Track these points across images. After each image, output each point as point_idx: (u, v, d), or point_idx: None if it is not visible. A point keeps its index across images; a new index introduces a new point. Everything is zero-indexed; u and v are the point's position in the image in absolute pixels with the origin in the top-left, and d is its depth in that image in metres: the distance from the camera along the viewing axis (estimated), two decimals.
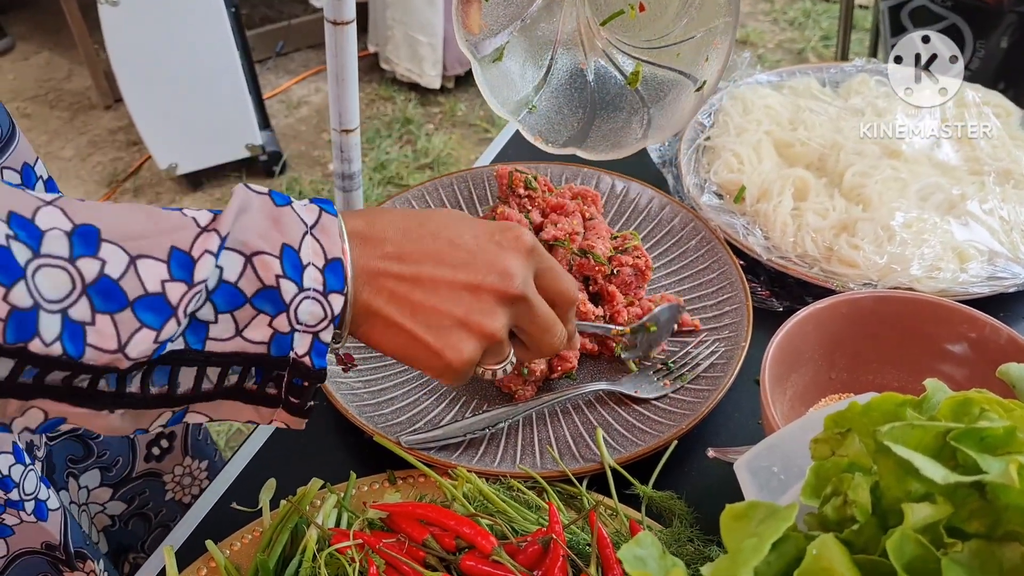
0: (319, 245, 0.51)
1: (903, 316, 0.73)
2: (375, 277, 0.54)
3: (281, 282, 0.50)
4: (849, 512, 0.41)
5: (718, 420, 0.81)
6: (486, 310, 0.56)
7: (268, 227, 0.50)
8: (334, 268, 0.52)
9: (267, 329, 0.50)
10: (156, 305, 0.46)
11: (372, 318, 0.55)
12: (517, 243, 0.58)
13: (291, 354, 0.51)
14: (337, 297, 0.51)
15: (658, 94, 0.81)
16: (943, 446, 0.40)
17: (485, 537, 0.61)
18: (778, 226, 0.93)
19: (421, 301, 0.55)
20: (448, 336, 0.56)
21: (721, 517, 0.41)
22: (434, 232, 0.57)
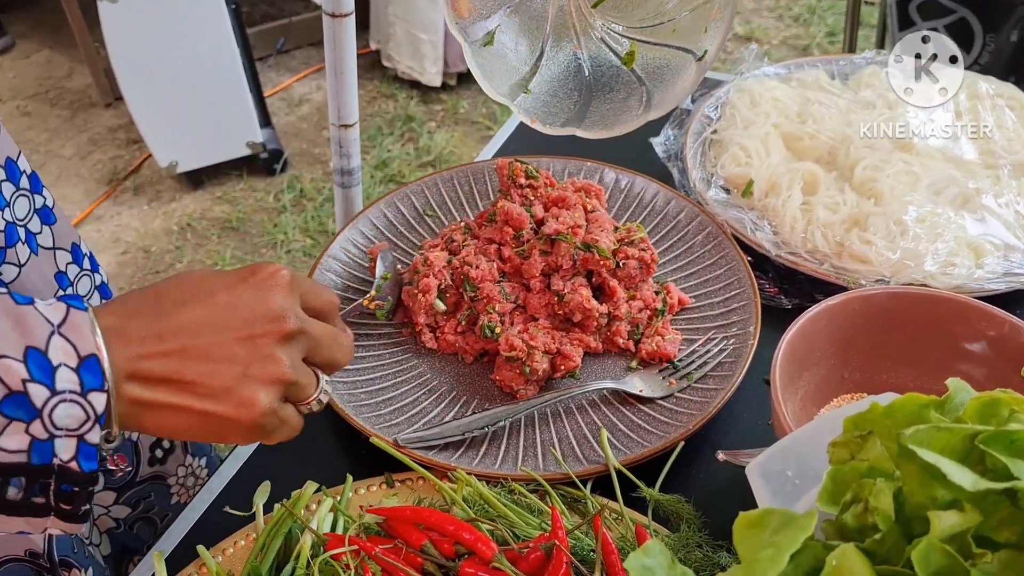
0: (69, 344, 0.48)
1: (918, 313, 0.71)
2: (138, 364, 0.50)
3: (29, 386, 0.46)
4: (870, 520, 0.38)
5: (726, 420, 0.78)
6: (266, 356, 0.53)
7: (9, 328, 0.47)
8: (89, 366, 0.48)
9: (24, 436, 0.46)
10: None
11: (148, 409, 0.51)
12: (274, 279, 0.55)
13: (55, 461, 0.47)
14: (98, 396, 0.48)
15: (656, 71, 0.79)
16: (971, 450, 0.37)
17: (485, 543, 0.58)
18: (787, 221, 0.91)
19: (195, 371, 0.51)
20: (235, 395, 0.52)
21: (734, 525, 0.39)
22: (185, 299, 0.53)
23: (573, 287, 0.81)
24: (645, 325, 0.83)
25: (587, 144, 1.10)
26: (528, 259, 0.83)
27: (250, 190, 2.75)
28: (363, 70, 3.20)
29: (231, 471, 0.77)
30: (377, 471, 0.72)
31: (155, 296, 0.53)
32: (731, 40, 3.34)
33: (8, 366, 0.46)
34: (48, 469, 0.47)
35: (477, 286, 0.81)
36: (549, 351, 0.79)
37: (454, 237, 0.87)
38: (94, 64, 2.98)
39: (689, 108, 1.07)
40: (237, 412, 0.52)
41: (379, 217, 0.94)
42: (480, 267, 0.82)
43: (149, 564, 0.71)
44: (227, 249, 2.54)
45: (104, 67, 2.90)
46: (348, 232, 0.92)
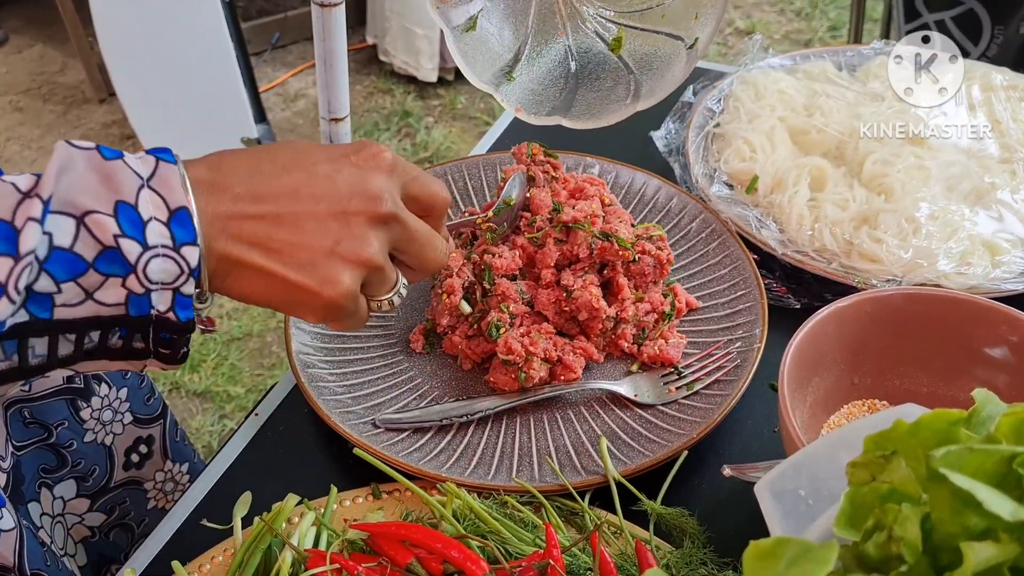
0: (159, 197, 0.47)
1: (934, 316, 0.67)
2: (230, 223, 0.50)
3: (121, 242, 0.46)
4: (895, 550, 0.35)
5: (731, 428, 0.75)
6: (357, 236, 0.52)
7: (97, 184, 0.46)
8: (181, 219, 0.47)
9: (121, 290, 0.46)
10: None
11: (235, 268, 0.51)
12: (376, 160, 0.54)
13: (152, 312, 0.48)
14: (191, 249, 0.48)
15: (644, 59, 0.75)
16: (1007, 473, 0.34)
17: (475, 562, 0.55)
18: (794, 218, 0.87)
19: (286, 239, 0.51)
20: (321, 271, 0.51)
21: (744, 556, 0.35)
22: (287, 165, 0.52)
23: (583, 284, 0.77)
24: (651, 329, 0.79)
25: (586, 138, 1.07)
26: (543, 247, 0.79)
27: None
28: (360, 65, 3.16)
29: (211, 481, 0.73)
30: (364, 481, 0.69)
31: (254, 156, 0.53)
32: (732, 34, 3.31)
33: (100, 221, 0.45)
34: (147, 320, 0.48)
35: (496, 278, 0.78)
36: (549, 359, 0.75)
37: (461, 230, 0.83)
38: (87, 59, 2.94)
39: (691, 101, 1.04)
40: (320, 287, 0.52)
41: None
42: (503, 256, 0.78)
43: None
44: None
45: (97, 62, 2.86)
46: None
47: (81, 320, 0.46)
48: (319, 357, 0.78)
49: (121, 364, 0.50)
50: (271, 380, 2.09)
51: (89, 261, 0.45)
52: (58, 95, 3.11)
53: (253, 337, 2.22)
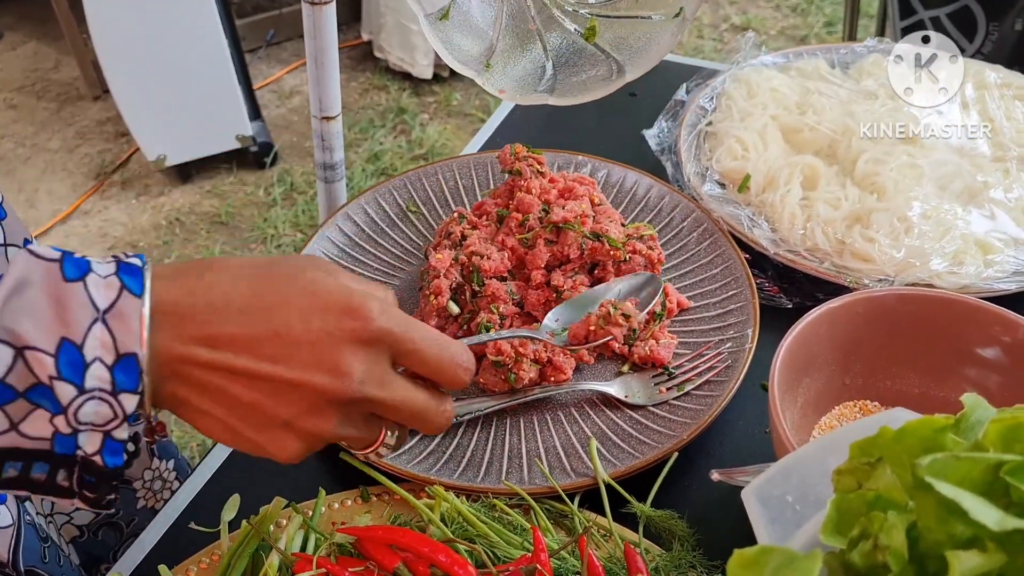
0: (109, 336, 0.44)
1: (927, 316, 0.67)
2: (182, 364, 0.46)
3: (56, 384, 0.43)
4: (881, 559, 0.34)
5: (722, 429, 0.74)
6: (315, 411, 0.47)
7: (48, 311, 0.43)
8: (126, 366, 0.44)
9: (47, 426, 0.43)
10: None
11: (183, 406, 0.48)
12: (358, 333, 0.48)
13: (78, 453, 0.44)
14: (129, 397, 0.44)
15: (622, 41, 0.74)
16: (994, 481, 0.33)
17: (462, 566, 0.54)
18: (786, 217, 0.86)
19: (237, 396, 0.47)
20: (271, 434, 0.48)
21: (728, 565, 0.34)
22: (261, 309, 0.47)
23: (573, 284, 0.77)
24: (642, 329, 0.79)
25: (578, 137, 1.06)
26: (533, 248, 0.79)
27: (240, 184, 2.71)
28: (355, 61, 3.15)
29: (199, 484, 0.73)
30: (352, 484, 0.68)
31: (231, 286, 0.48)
32: (728, 30, 3.30)
33: (39, 359, 0.42)
34: (71, 460, 0.45)
35: (485, 280, 0.77)
36: (539, 360, 0.74)
37: (451, 229, 0.82)
38: (81, 56, 2.93)
39: (684, 99, 1.03)
40: (268, 447, 0.49)
41: (359, 214, 0.90)
42: (492, 258, 0.78)
43: None
44: (216, 244, 2.49)
45: (92, 59, 2.85)
46: (328, 229, 0.88)
47: (2, 450, 0.44)
48: None
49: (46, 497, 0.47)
50: None
51: (20, 391, 0.43)
52: (52, 92, 3.09)
53: None
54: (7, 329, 0.42)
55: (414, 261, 0.88)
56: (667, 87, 1.06)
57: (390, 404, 0.50)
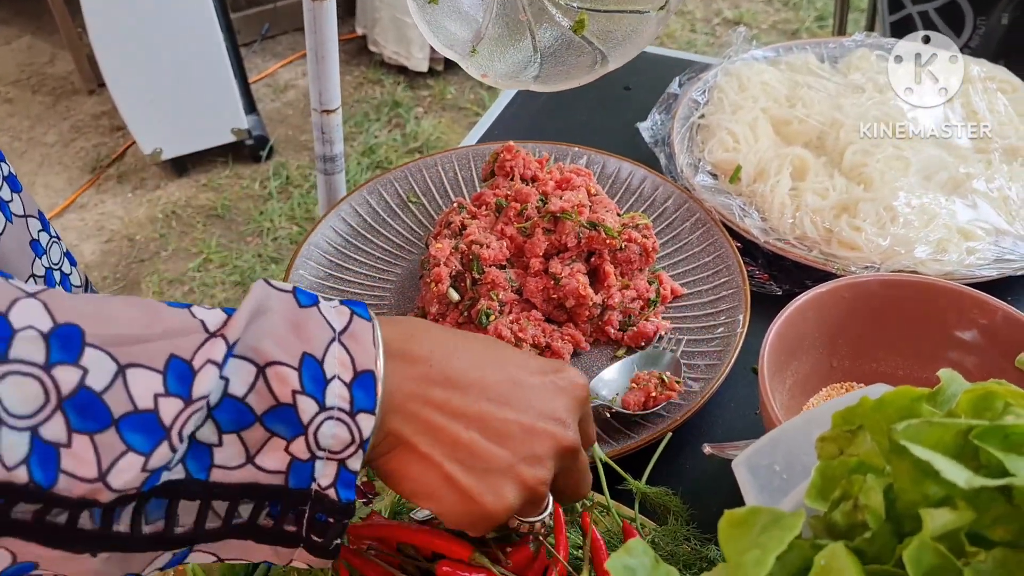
0: (347, 355, 0.44)
1: (909, 301, 0.69)
2: (411, 401, 0.46)
3: (299, 399, 0.42)
4: (860, 518, 0.37)
5: (714, 411, 0.77)
6: (536, 459, 0.48)
7: (287, 332, 0.43)
8: (364, 383, 0.44)
9: (284, 455, 0.42)
10: (146, 424, 0.39)
11: (399, 448, 0.46)
12: (574, 388, 0.51)
13: (313, 486, 0.43)
14: (366, 418, 0.43)
15: (609, 33, 0.76)
16: (964, 445, 0.36)
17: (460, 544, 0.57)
18: (776, 207, 0.89)
19: (463, 437, 0.46)
20: (492, 481, 0.47)
21: (719, 524, 0.37)
22: (484, 360, 0.49)
23: (571, 272, 0.79)
24: (636, 315, 0.82)
25: (573, 129, 1.09)
26: (531, 237, 0.81)
27: (235, 177, 2.72)
28: (349, 55, 3.17)
29: None
30: None
31: (452, 338, 0.49)
32: (720, 24, 3.32)
33: (282, 374, 0.42)
34: (306, 495, 0.43)
35: (485, 268, 0.80)
36: (538, 345, 0.77)
37: (451, 219, 0.85)
38: (76, 50, 2.94)
39: (677, 92, 1.06)
40: (483, 497, 0.47)
41: (362, 204, 0.92)
42: (491, 246, 0.80)
43: None
44: (212, 237, 2.51)
45: (87, 53, 2.86)
46: (330, 219, 0.91)
47: (237, 486, 0.42)
48: None
49: (266, 552, 0.46)
50: None
51: (258, 415, 0.42)
52: (47, 86, 3.10)
53: None
54: (250, 347, 0.42)
55: (415, 250, 0.90)
56: (660, 81, 1.09)
57: (582, 460, 0.53)
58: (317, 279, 0.85)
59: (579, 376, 0.52)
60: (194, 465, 0.41)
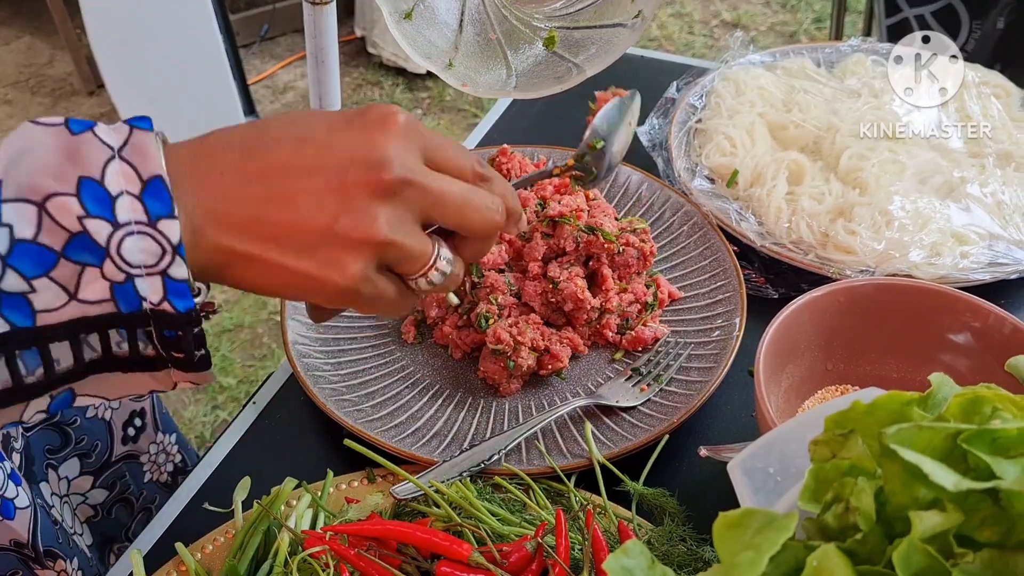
0: (131, 168, 0.42)
1: (903, 304, 0.70)
2: (216, 207, 0.45)
3: (87, 223, 0.41)
4: (852, 520, 0.38)
5: (710, 413, 0.78)
6: (359, 210, 0.45)
7: (60, 162, 0.41)
8: (154, 190, 0.42)
9: (103, 283, 0.42)
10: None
11: (231, 259, 0.45)
12: (385, 122, 0.47)
13: (145, 305, 0.43)
14: (169, 223, 0.42)
15: (581, 47, 0.77)
16: (953, 448, 0.37)
17: (459, 544, 0.58)
18: (772, 211, 0.90)
19: (278, 221, 0.45)
20: (322, 254, 0.46)
21: (714, 526, 0.38)
22: (278, 136, 0.46)
23: (569, 276, 0.80)
24: (634, 319, 0.83)
25: (571, 133, 1.10)
26: (530, 241, 0.82)
27: None
28: (349, 57, 3.18)
29: (212, 466, 0.76)
30: (359, 465, 0.71)
31: (241, 131, 0.47)
32: (719, 27, 3.33)
33: (62, 204, 0.41)
34: (142, 315, 0.43)
35: (483, 272, 0.80)
36: (537, 348, 0.78)
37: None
38: (76, 51, 2.95)
39: (675, 97, 1.07)
40: (321, 272, 0.46)
41: None
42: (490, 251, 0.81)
43: (124, 564, 0.70)
44: None
45: (86, 54, 2.87)
46: None
47: (68, 323, 0.42)
48: (314, 347, 0.80)
49: (143, 379, 0.46)
50: (263, 371, 2.12)
51: (58, 251, 0.41)
52: (46, 87, 3.11)
53: (244, 328, 2.25)
54: (23, 185, 0.41)
55: None
56: (657, 86, 1.09)
57: (435, 188, 0.48)
58: None
59: (391, 108, 0.48)
60: (15, 316, 0.41)
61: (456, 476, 0.68)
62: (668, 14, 3.39)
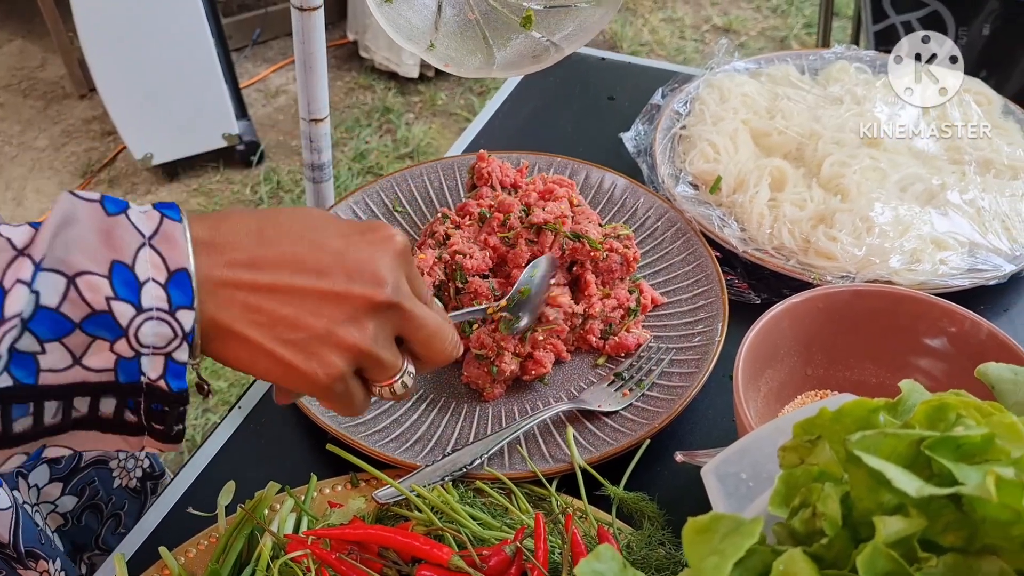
0: (159, 257, 0.46)
1: (881, 310, 0.71)
2: (222, 288, 0.48)
3: (113, 305, 0.44)
4: (818, 525, 0.38)
5: (691, 418, 0.79)
6: (353, 321, 0.50)
7: (96, 242, 0.44)
8: (179, 281, 0.46)
9: (109, 355, 0.45)
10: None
11: (222, 335, 0.49)
12: (388, 244, 0.52)
13: (143, 379, 0.46)
14: (186, 313, 0.46)
15: (557, 26, 0.78)
16: (917, 455, 0.37)
17: (439, 548, 0.58)
18: (754, 217, 0.91)
19: (278, 313, 0.49)
20: (311, 350, 0.50)
21: (683, 530, 0.39)
22: (293, 233, 0.50)
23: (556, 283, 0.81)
24: (617, 324, 0.83)
25: (558, 139, 1.10)
26: (515, 247, 0.83)
27: (226, 182, 2.73)
28: (340, 61, 3.18)
29: (196, 471, 0.76)
30: (343, 470, 0.72)
31: (257, 219, 0.50)
32: (709, 31, 3.34)
33: (92, 283, 0.44)
34: (137, 387, 0.46)
35: (468, 278, 0.81)
36: (520, 353, 0.78)
37: (435, 229, 0.86)
38: (67, 54, 2.94)
39: (660, 103, 1.07)
40: (307, 367, 0.50)
41: (348, 213, 0.94)
42: (474, 256, 0.82)
43: (108, 568, 0.71)
44: None
45: (78, 57, 2.87)
46: None
47: (68, 386, 0.45)
48: None
49: (116, 440, 0.49)
50: None
51: (76, 322, 0.44)
52: (38, 90, 3.10)
53: None
54: (58, 259, 0.43)
55: None
56: (643, 92, 1.10)
57: (416, 315, 0.53)
58: None
59: (393, 231, 0.53)
60: (21, 372, 0.43)
61: (438, 480, 0.69)
62: (659, 19, 3.40)
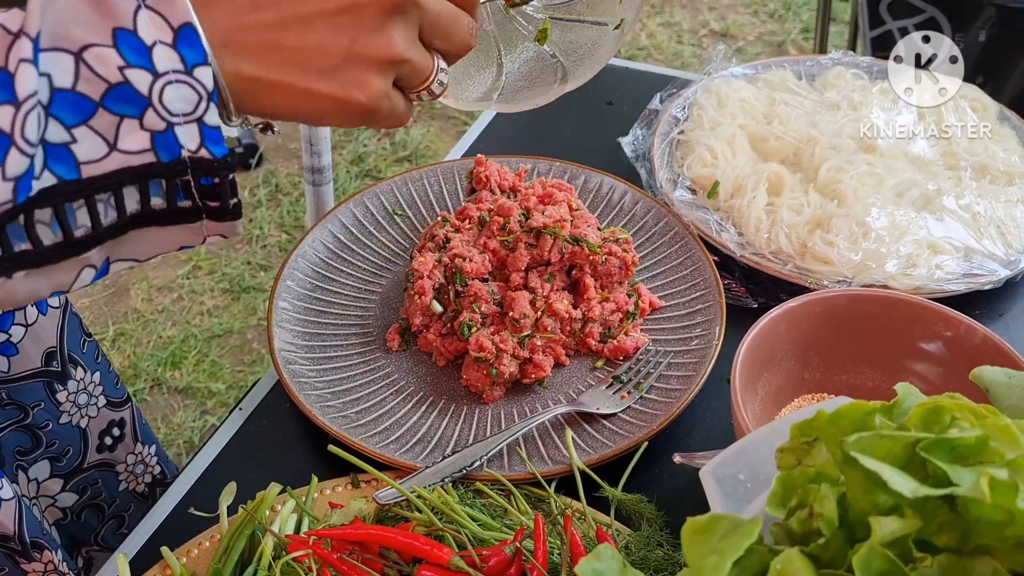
0: (160, 17, 0.43)
1: (877, 315, 0.72)
2: (233, 36, 0.46)
3: (128, 73, 0.42)
4: (815, 525, 0.39)
5: (689, 421, 0.79)
6: (374, 29, 0.48)
7: (89, 12, 0.42)
8: (186, 38, 0.43)
9: (142, 133, 0.43)
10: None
11: (252, 87, 0.47)
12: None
13: (184, 153, 0.44)
14: (203, 70, 0.44)
15: (571, 46, 0.79)
16: (912, 456, 0.38)
17: (440, 548, 0.59)
18: (752, 222, 0.92)
19: (297, 45, 0.47)
20: (344, 75, 0.48)
21: (682, 531, 0.39)
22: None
23: (551, 287, 0.82)
24: (616, 327, 0.84)
25: (556, 143, 1.11)
26: (514, 251, 0.83)
27: None
28: None
29: (197, 472, 0.77)
30: (343, 471, 0.73)
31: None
32: (707, 36, 3.36)
33: (100, 55, 0.42)
34: (181, 163, 0.45)
35: (468, 281, 0.82)
36: (519, 356, 0.79)
37: (435, 232, 0.87)
38: None
39: (658, 108, 1.08)
40: (346, 93, 0.48)
41: (348, 216, 0.94)
42: (474, 260, 0.82)
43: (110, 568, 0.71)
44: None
45: None
46: (318, 231, 0.92)
47: (112, 174, 0.43)
48: (300, 355, 0.81)
49: (177, 234, 0.48)
50: (252, 377, 2.12)
51: (96, 100, 0.42)
52: None
53: (234, 334, 2.25)
54: (56, 35, 0.41)
55: (401, 262, 0.92)
56: (642, 97, 1.11)
57: (433, 8, 0.50)
58: (304, 290, 0.87)
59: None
60: (61, 168, 0.42)
61: (438, 482, 0.69)
62: (657, 24, 3.41)
